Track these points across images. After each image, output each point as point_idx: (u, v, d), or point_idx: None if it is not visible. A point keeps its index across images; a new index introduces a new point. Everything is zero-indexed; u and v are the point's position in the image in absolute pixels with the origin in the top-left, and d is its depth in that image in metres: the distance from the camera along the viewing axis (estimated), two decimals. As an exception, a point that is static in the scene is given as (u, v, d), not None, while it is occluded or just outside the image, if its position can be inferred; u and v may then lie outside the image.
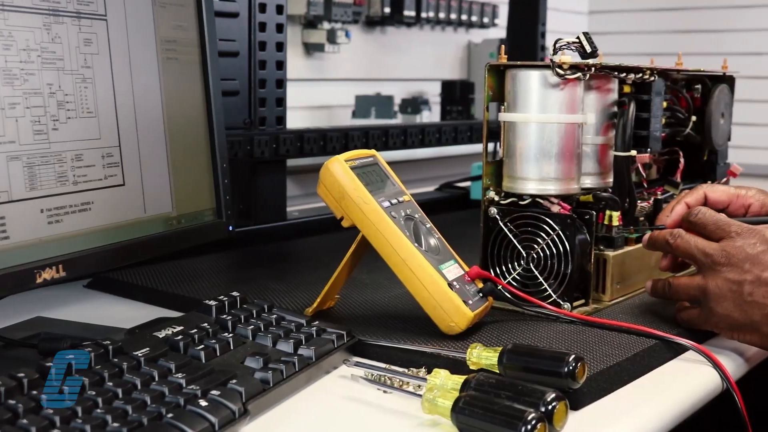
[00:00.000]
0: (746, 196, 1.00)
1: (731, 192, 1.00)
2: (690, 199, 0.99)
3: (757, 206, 1.00)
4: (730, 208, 1.00)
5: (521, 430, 0.64)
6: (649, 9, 2.75)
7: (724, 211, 1.00)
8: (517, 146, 0.97)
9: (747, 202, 1.00)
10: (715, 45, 2.67)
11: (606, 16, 2.81)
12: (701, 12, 2.68)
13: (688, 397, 0.81)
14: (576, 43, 0.92)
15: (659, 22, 2.74)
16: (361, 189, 0.88)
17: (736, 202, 1.00)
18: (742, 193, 1.00)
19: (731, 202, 1.00)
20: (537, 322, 0.93)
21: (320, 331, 0.85)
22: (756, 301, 0.85)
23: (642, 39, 2.76)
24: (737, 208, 1.00)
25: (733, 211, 1.00)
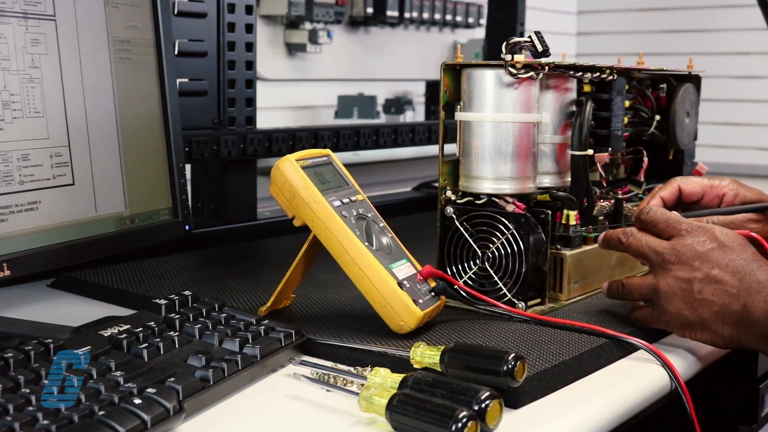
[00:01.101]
0: (720, 186, 1.00)
1: (705, 183, 1.00)
2: (665, 193, 1.00)
3: (731, 196, 1.00)
4: (704, 199, 1.00)
5: (451, 428, 0.65)
6: (638, 9, 2.75)
7: (699, 203, 1.00)
8: (472, 145, 0.98)
9: (721, 193, 1.00)
10: (704, 45, 2.66)
11: (595, 16, 2.80)
12: (690, 12, 2.67)
13: (632, 397, 0.80)
14: (528, 43, 0.92)
15: (648, 22, 2.74)
16: (311, 188, 0.89)
17: (710, 192, 1.00)
18: (716, 184, 1.00)
19: (705, 193, 1.00)
20: (490, 321, 0.93)
21: (268, 329, 0.85)
22: (705, 298, 0.85)
23: (631, 39, 2.75)
24: (711, 198, 1.00)
25: (708, 202, 1.00)
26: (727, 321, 0.84)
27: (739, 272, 0.84)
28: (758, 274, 0.83)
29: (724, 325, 0.85)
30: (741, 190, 0.99)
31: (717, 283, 0.85)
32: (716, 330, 0.85)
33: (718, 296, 0.85)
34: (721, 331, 0.85)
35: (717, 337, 0.86)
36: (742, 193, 0.99)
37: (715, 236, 0.87)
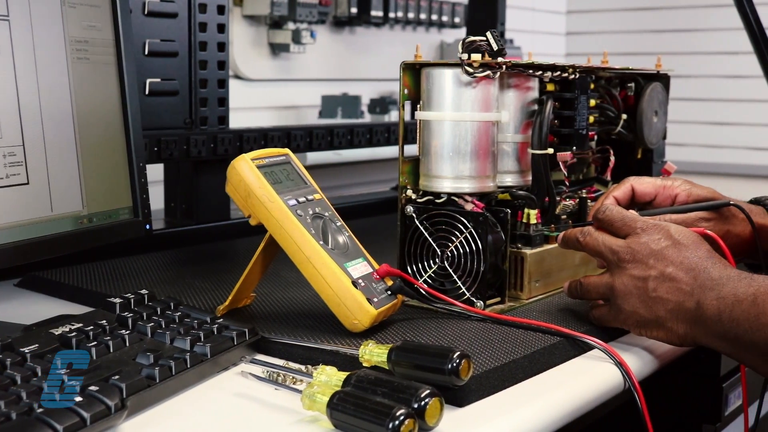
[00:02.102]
0: (672, 186, 1.00)
1: (658, 183, 1.00)
2: (618, 193, 1.00)
3: (684, 196, 1.00)
4: (657, 198, 1.00)
5: (388, 426, 0.65)
6: (627, 9, 2.75)
7: (652, 203, 1.00)
8: (432, 145, 0.98)
9: (673, 193, 1.00)
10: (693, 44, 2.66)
11: (584, 15, 2.80)
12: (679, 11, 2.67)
13: (582, 395, 0.81)
14: (484, 42, 0.93)
15: (637, 21, 2.73)
16: (266, 187, 0.89)
17: (663, 193, 1.00)
18: (669, 184, 1.00)
19: (658, 193, 1.00)
20: (448, 320, 0.93)
21: (221, 328, 0.85)
22: (660, 296, 0.85)
23: (620, 38, 2.75)
24: (664, 198, 1.00)
25: (660, 202, 1.00)
26: (682, 318, 0.84)
27: (693, 270, 0.84)
28: (712, 271, 0.83)
29: (678, 323, 0.85)
30: (694, 190, 0.99)
31: (671, 281, 0.85)
32: (671, 328, 0.85)
33: (672, 294, 0.85)
34: (676, 328, 0.85)
35: (672, 334, 0.86)
36: (695, 192, 0.99)
37: (670, 234, 0.87)
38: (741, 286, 0.80)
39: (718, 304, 0.81)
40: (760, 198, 1.03)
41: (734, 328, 0.79)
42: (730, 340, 0.80)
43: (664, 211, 0.97)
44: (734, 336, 0.79)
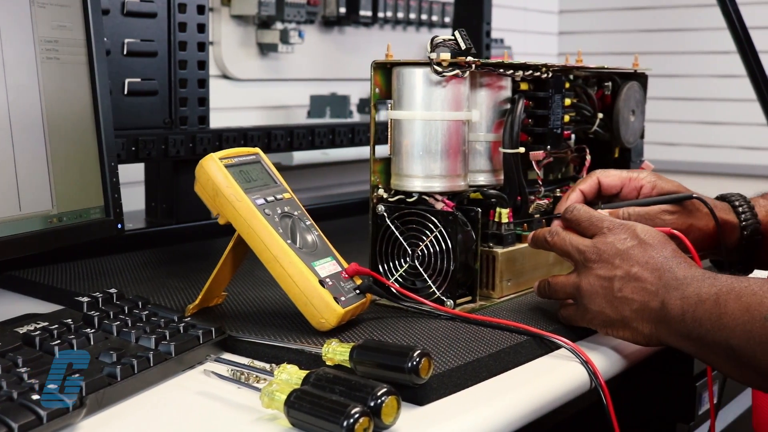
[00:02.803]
0: (638, 178, 1.00)
1: (623, 176, 1.01)
2: (584, 186, 1.00)
3: (648, 188, 1.00)
4: (623, 191, 1.01)
5: (343, 424, 0.65)
6: (619, 8, 2.75)
7: (618, 195, 1.00)
8: (403, 144, 0.98)
9: (639, 185, 1.00)
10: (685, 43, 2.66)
11: (576, 15, 2.80)
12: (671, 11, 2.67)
13: (545, 394, 0.81)
14: (451, 41, 0.93)
15: (629, 21, 2.73)
16: (234, 186, 0.89)
17: (629, 185, 1.00)
18: (634, 176, 1.01)
19: (624, 185, 1.00)
20: (417, 319, 0.93)
21: (188, 327, 0.85)
22: (625, 296, 0.85)
23: (612, 38, 2.75)
24: (630, 191, 1.00)
25: (626, 194, 1.00)
26: (647, 318, 0.84)
27: (658, 269, 0.84)
28: (677, 271, 0.83)
29: (643, 323, 0.85)
30: (658, 182, 1.00)
31: (636, 281, 0.85)
32: (636, 328, 0.85)
33: (637, 294, 0.85)
34: (641, 328, 0.85)
35: (638, 334, 0.86)
36: (660, 185, 0.99)
37: (636, 234, 0.87)
38: (704, 285, 0.80)
39: (682, 304, 0.81)
40: (726, 195, 1.03)
41: (697, 328, 0.79)
42: (693, 339, 0.80)
43: (628, 204, 0.97)
44: (697, 336, 0.79)
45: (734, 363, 0.77)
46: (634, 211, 0.97)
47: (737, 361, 0.76)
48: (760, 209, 1.01)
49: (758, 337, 0.73)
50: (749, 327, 0.74)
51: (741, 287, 0.77)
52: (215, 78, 1.92)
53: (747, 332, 0.74)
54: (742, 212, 1.00)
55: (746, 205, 1.01)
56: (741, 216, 1.00)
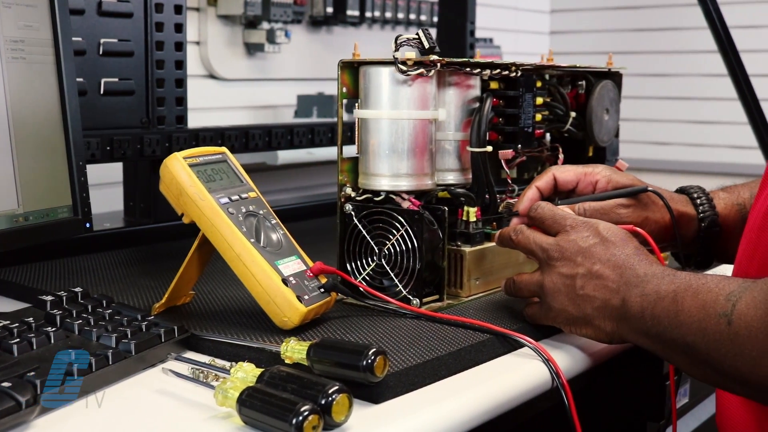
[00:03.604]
0: (593, 173, 1.01)
1: (579, 171, 1.01)
2: (540, 183, 1.00)
3: (604, 182, 1.00)
4: (579, 186, 1.01)
5: (292, 421, 0.65)
6: (611, 8, 2.74)
7: (575, 190, 1.01)
8: (370, 143, 0.98)
9: (594, 180, 1.01)
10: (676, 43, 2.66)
11: (568, 15, 2.80)
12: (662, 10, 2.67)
13: (504, 392, 0.80)
14: (415, 40, 0.93)
15: (621, 20, 2.73)
16: (197, 185, 0.89)
17: (584, 180, 1.01)
18: (589, 171, 1.01)
19: (580, 180, 1.01)
20: (383, 318, 0.93)
21: (150, 325, 0.85)
22: (587, 294, 0.85)
23: (604, 37, 2.75)
24: (585, 186, 1.01)
25: (582, 189, 1.01)
26: (608, 316, 0.84)
27: (619, 267, 0.84)
28: (638, 268, 0.83)
29: (605, 320, 0.85)
30: (613, 176, 1.00)
31: (598, 278, 0.85)
32: (598, 325, 0.86)
33: (599, 291, 0.85)
34: (603, 326, 0.85)
35: (600, 332, 0.86)
36: (615, 179, 0.99)
37: (598, 231, 0.87)
38: (664, 283, 0.80)
39: (642, 302, 0.81)
40: (685, 187, 1.03)
41: (656, 326, 0.79)
42: (652, 337, 0.80)
43: (584, 199, 0.97)
44: (656, 333, 0.79)
45: (691, 360, 0.77)
46: (590, 206, 0.97)
47: (694, 358, 0.76)
48: (719, 201, 1.01)
49: (712, 335, 0.73)
50: (704, 324, 0.74)
51: (698, 284, 0.77)
52: (202, 78, 1.93)
53: (702, 330, 0.74)
54: (700, 204, 1.00)
55: (705, 197, 1.01)
56: (699, 208, 1.00)
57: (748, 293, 0.72)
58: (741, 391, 0.77)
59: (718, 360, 0.73)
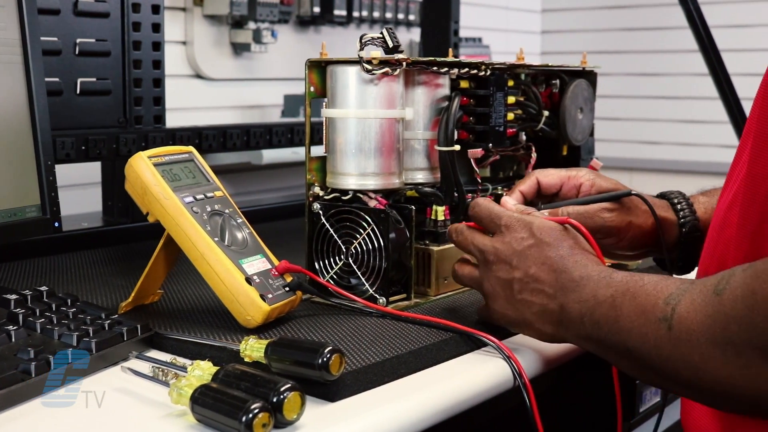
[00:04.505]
0: (577, 177, 1.00)
1: (562, 175, 1.00)
2: (523, 187, 0.99)
3: (587, 186, 1.00)
4: (562, 190, 1.00)
5: (241, 419, 0.66)
6: (601, 7, 2.74)
7: (558, 194, 1.00)
8: (337, 142, 0.98)
9: (578, 183, 1.00)
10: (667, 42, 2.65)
11: (558, 14, 2.80)
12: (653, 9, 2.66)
13: (463, 391, 0.80)
14: (380, 39, 0.93)
15: (611, 19, 2.73)
16: (161, 184, 0.90)
17: (568, 183, 1.00)
18: (573, 174, 1.00)
19: (563, 184, 1.00)
20: (348, 316, 0.94)
21: (114, 324, 0.86)
22: (525, 299, 0.84)
23: (595, 36, 2.75)
24: (569, 189, 1.00)
25: (566, 193, 1.00)
26: (547, 320, 0.83)
27: (555, 270, 0.82)
28: (573, 271, 0.82)
29: (545, 324, 0.83)
30: (597, 180, 0.99)
31: (535, 282, 0.83)
32: (539, 329, 0.84)
33: (536, 296, 0.83)
34: (544, 329, 0.84)
35: (542, 334, 0.85)
36: (598, 183, 0.99)
37: (533, 232, 0.85)
38: (600, 287, 0.78)
39: (580, 308, 0.80)
40: (665, 192, 1.03)
41: (596, 331, 0.78)
42: (593, 341, 0.79)
43: (568, 203, 0.97)
44: (597, 338, 0.78)
45: (633, 364, 0.76)
46: (573, 210, 0.96)
47: (636, 362, 0.75)
48: (699, 206, 1.01)
49: (653, 340, 0.72)
50: (645, 330, 0.73)
51: (636, 288, 0.76)
52: (189, 78, 1.94)
53: (643, 335, 0.73)
54: (680, 209, 1.00)
55: (685, 202, 1.00)
56: (679, 213, 1.00)
57: (687, 296, 0.71)
58: (687, 395, 0.76)
59: (661, 365, 0.72)
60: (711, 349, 0.67)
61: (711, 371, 0.68)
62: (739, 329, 0.65)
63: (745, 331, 0.65)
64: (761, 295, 0.64)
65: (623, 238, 0.97)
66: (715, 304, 0.68)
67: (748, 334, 0.65)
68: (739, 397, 0.68)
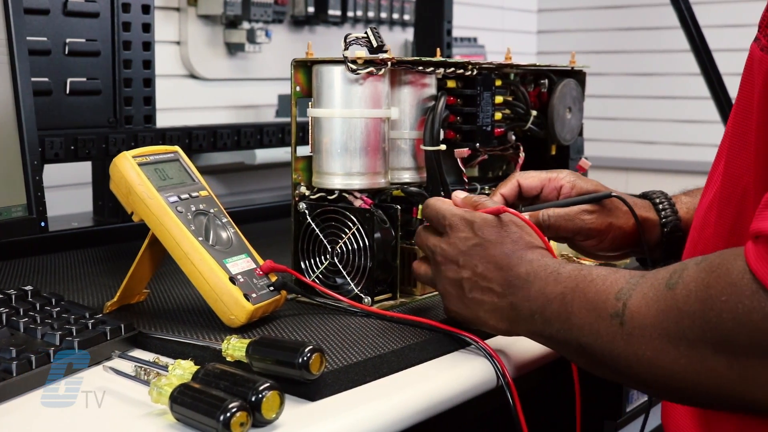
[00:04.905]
0: (557, 179, 1.00)
1: (543, 177, 1.00)
2: (504, 189, 1.00)
3: (568, 188, 1.00)
4: (543, 192, 1.00)
5: (219, 418, 0.66)
6: (598, 7, 2.74)
7: (539, 196, 1.00)
8: (323, 141, 0.98)
9: (558, 185, 1.00)
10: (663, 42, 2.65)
11: (555, 14, 2.80)
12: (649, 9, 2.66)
13: (445, 391, 0.80)
14: (364, 38, 0.93)
15: (608, 19, 2.73)
16: (146, 184, 0.90)
17: (549, 185, 1.00)
18: (554, 176, 1.00)
19: (544, 186, 1.00)
20: (333, 316, 0.94)
21: (98, 323, 0.86)
22: (476, 298, 0.84)
23: (591, 36, 2.75)
24: (550, 191, 1.00)
25: (546, 195, 1.00)
26: (500, 317, 0.83)
27: (501, 268, 0.82)
28: (519, 268, 0.81)
29: (499, 321, 0.83)
30: (578, 182, 0.99)
31: (484, 280, 0.83)
32: (494, 325, 0.84)
33: (486, 295, 0.83)
34: (499, 326, 0.84)
35: (498, 330, 0.85)
36: (579, 185, 0.99)
37: (474, 231, 0.85)
38: (549, 284, 0.78)
39: (530, 305, 0.79)
40: (647, 192, 1.03)
41: (548, 328, 0.78)
42: (546, 337, 0.79)
43: (548, 206, 0.97)
44: (549, 335, 0.78)
45: (588, 360, 0.76)
46: (554, 212, 0.96)
47: (590, 358, 0.75)
48: (681, 206, 1.01)
49: (605, 337, 0.72)
50: (597, 326, 0.72)
51: (585, 284, 0.75)
52: (183, 78, 1.94)
53: (594, 332, 0.73)
54: (662, 209, 1.00)
55: (667, 202, 1.01)
56: (661, 213, 1.00)
57: (638, 290, 0.70)
58: (642, 390, 0.76)
59: (614, 361, 0.72)
60: (664, 344, 0.67)
61: (664, 366, 0.68)
62: (692, 324, 0.65)
63: (699, 326, 0.65)
64: (715, 289, 0.64)
65: (604, 240, 0.97)
66: (668, 299, 0.67)
67: (702, 329, 0.65)
68: (692, 392, 0.68)
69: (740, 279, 0.62)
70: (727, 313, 0.62)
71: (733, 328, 0.62)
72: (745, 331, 0.62)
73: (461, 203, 0.89)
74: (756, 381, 0.63)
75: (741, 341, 0.62)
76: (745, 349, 0.62)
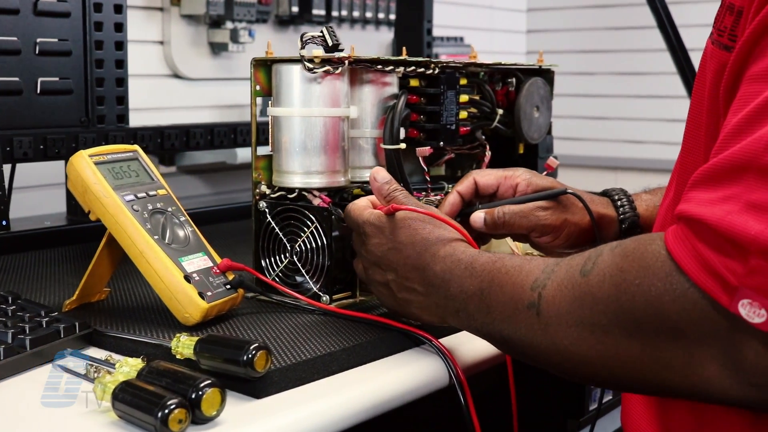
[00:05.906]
0: (513, 176, 1.00)
1: (499, 174, 1.00)
2: (461, 188, 1.00)
3: (524, 185, 1.00)
4: (499, 190, 1.01)
5: (157, 414, 0.66)
6: (587, 6, 2.74)
7: (496, 194, 1.01)
8: (282, 140, 0.99)
9: (514, 183, 1.00)
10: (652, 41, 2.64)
11: (544, 13, 2.80)
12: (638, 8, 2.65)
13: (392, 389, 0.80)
14: (319, 37, 0.93)
15: (597, 18, 2.72)
16: (102, 183, 0.90)
17: (504, 183, 1.00)
18: (509, 174, 1.00)
19: (500, 184, 1.00)
20: (291, 314, 0.94)
21: (52, 321, 0.86)
22: (405, 298, 0.86)
23: (580, 36, 2.75)
24: (506, 189, 1.00)
25: (503, 193, 1.00)
26: (430, 314, 0.85)
27: (417, 268, 0.84)
28: (435, 267, 0.82)
29: (431, 316, 0.85)
30: (533, 179, 0.99)
31: (407, 281, 0.85)
32: (428, 320, 0.86)
33: (412, 294, 0.85)
34: (431, 319, 0.86)
35: (434, 323, 0.86)
36: (534, 182, 0.99)
37: (386, 235, 0.86)
38: (466, 281, 0.79)
39: (453, 303, 0.80)
40: (608, 189, 1.03)
41: (473, 322, 0.79)
42: (474, 330, 0.80)
43: (504, 203, 0.97)
44: (476, 328, 0.79)
45: (512, 351, 0.77)
46: (509, 210, 0.97)
47: (513, 349, 0.76)
48: (640, 203, 1.01)
49: (524, 327, 0.72)
50: (514, 318, 0.73)
51: (501, 277, 0.76)
52: (166, 77, 1.94)
53: (514, 323, 0.73)
54: (620, 206, 1.00)
55: (626, 199, 1.01)
56: (619, 210, 1.00)
57: (552, 279, 0.70)
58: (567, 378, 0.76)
59: (534, 351, 0.72)
60: (580, 332, 0.67)
61: (581, 354, 0.68)
62: (606, 309, 0.65)
63: (612, 311, 0.65)
64: (629, 273, 0.63)
65: (559, 236, 0.97)
66: (582, 285, 0.67)
67: (615, 314, 0.65)
68: (610, 377, 0.68)
69: (654, 262, 0.62)
70: (639, 297, 0.62)
71: (644, 311, 0.62)
72: (656, 314, 0.62)
73: (375, 193, 0.91)
74: (669, 364, 0.63)
75: (652, 325, 0.62)
76: (656, 333, 0.62)
